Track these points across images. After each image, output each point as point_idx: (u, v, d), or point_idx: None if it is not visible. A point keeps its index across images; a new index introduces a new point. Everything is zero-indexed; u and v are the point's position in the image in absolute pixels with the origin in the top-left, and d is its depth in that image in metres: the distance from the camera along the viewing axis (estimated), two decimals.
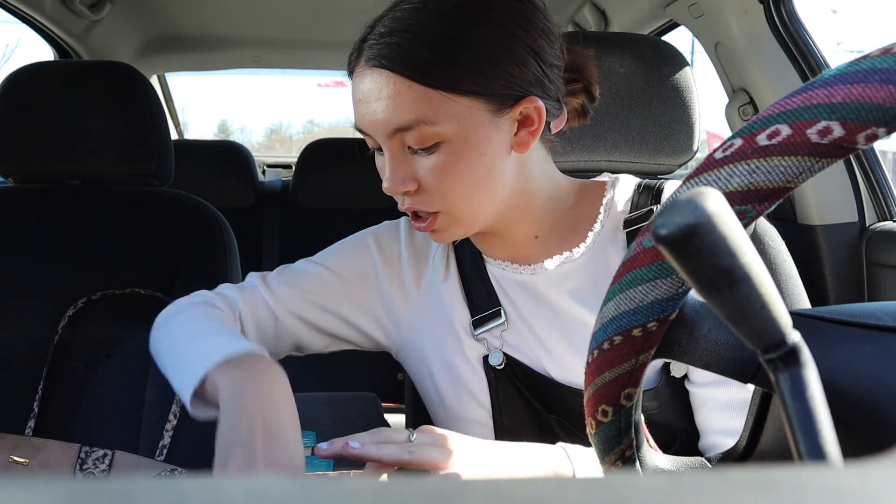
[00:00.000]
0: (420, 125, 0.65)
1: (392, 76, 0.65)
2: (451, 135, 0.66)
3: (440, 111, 0.65)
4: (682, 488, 0.15)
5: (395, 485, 0.15)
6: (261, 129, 25.87)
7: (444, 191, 0.67)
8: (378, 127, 0.67)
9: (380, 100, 0.66)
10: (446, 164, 0.66)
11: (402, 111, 0.65)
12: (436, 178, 0.67)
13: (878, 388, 0.35)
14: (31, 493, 0.14)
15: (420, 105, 0.65)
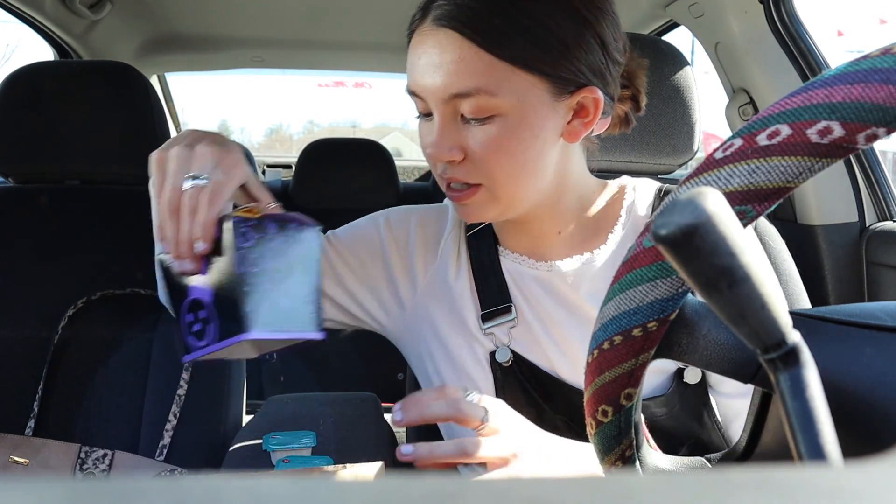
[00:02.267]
0: (480, 94, 0.63)
1: (460, 39, 0.63)
2: (508, 109, 0.64)
3: (503, 83, 0.63)
4: (682, 488, 0.15)
5: (396, 485, 0.15)
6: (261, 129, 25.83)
7: (491, 164, 0.66)
8: (435, 90, 0.65)
9: (442, 63, 0.64)
10: (499, 138, 0.65)
11: (465, 77, 0.63)
12: (486, 150, 0.65)
13: (878, 388, 0.35)
14: (31, 493, 0.14)
15: (484, 74, 0.63)
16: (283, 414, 1.00)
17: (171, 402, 1.08)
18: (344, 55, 2.49)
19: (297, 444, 0.94)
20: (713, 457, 0.48)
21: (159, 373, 1.12)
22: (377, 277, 0.80)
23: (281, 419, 0.99)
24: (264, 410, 1.02)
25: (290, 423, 0.98)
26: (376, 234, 0.81)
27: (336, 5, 1.94)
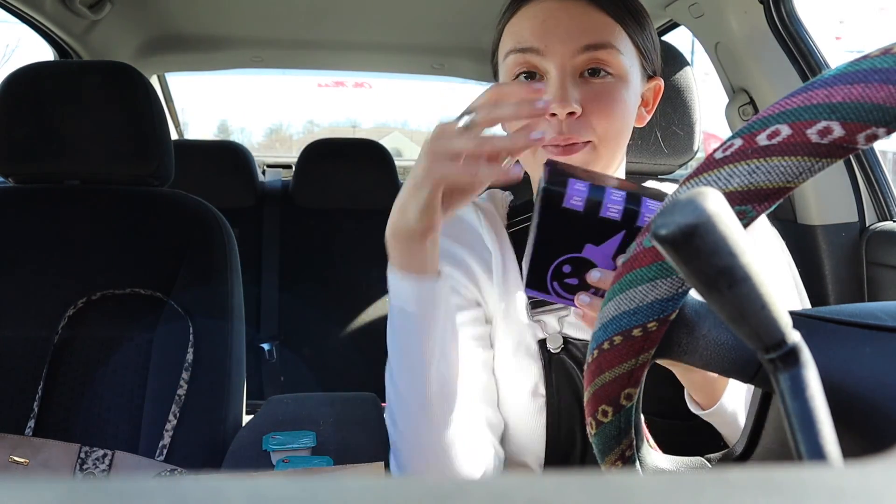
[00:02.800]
0: (611, 49, 0.69)
1: (588, 6, 0.70)
2: (625, 72, 0.70)
3: (625, 47, 0.71)
4: (682, 488, 0.15)
5: (396, 485, 0.15)
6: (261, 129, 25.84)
7: (604, 117, 0.69)
8: (570, 42, 0.69)
9: (576, 20, 0.70)
10: (614, 93, 0.70)
11: (599, 31, 0.69)
12: (602, 102, 0.69)
13: (878, 388, 0.35)
14: (31, 493, 0.14)
15: (613, 33, 0.70)
16: (283, 414, 1.00)
17: (171, 402, 1.08)
18: (344, 55, 2.49)
19: (297, 444, 0.94)
20: (713, 457, 0.48)
21: (159, 373, 1.12)
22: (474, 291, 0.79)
23: (281, 419, 0.99)
24: (264, 410, 1.02)
25: (290, 423, 0.98)
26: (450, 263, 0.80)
27: (336, 5, 1.94)
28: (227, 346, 1.14)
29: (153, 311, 1.16)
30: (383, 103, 24.26)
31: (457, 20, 1.98)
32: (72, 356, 1.13)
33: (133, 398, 1.11)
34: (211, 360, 1.12)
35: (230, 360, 1.14)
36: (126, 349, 1.13)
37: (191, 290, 1.16)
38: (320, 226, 2.33)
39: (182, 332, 1.12)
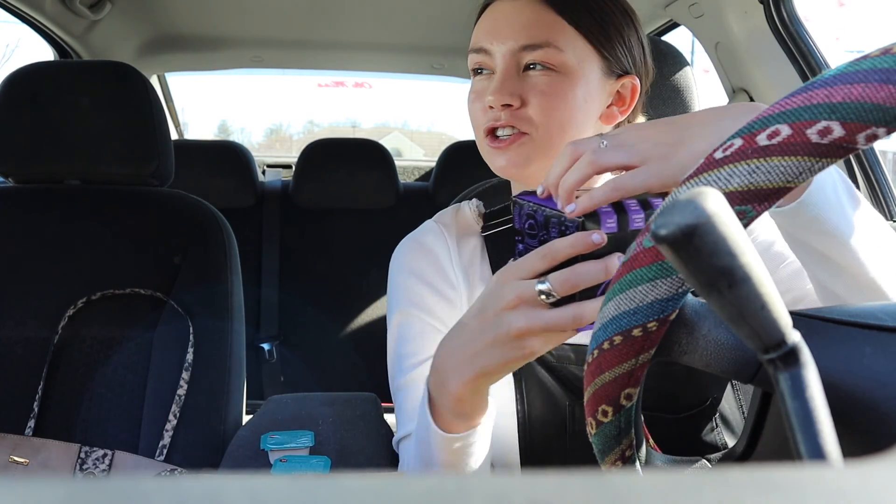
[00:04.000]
0: (549, 47, 0.72)
1: (538, 4, 0.73)
2: (570, 68, 0.72)
3: (568, 44, 0.72)
4: (682, 488, 0.15)
5: (396, 485, 0.15)
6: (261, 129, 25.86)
7: (545, 111, 0.72)
8: (509, 41, 0.73)
9: (519, 19, 0.73)
10: (556, 88, 0.72)
11: (538, 31, 0.72)
12: (543, 96, 0.72)
13: (878, 388, 0.35)
14: (31, 493, 0.14)
15: (554, 31, 0.72)
16: (283, 414, 1.00)
17: (171, 402, 1.08)
18: (344, 55, 2.49)
19: (295, 443, 0.94)
20: (713, 457, 0.49)
21: (159, 373, 1.12)
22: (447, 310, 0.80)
23: (281, 419, 0.99)
24: (264, 410, 1.02)
25: (290, 422, 0.98)
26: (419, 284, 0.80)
27: (336, 5, 1.94)
28: (227, 346, 1.14)
29: (153, 310, 1.16)
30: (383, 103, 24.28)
31: (456, 20, 1.98)
32: (72, 356, 1.13)
33: (133, 398, 1.11)
34: (211, 360, 1.12)
35: (230, 360, 1.14)
36: (126, 349, 1.13)
37: (191, 289, 1.16)
38: (320, 226, 2.33)
39: (182, 331, 1.12)
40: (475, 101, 0.76)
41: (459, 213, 0.85)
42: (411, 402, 0.77)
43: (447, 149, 2.46)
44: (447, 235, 0.81)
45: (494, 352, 0.56)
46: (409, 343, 0.78)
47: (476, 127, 0.77)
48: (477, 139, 0.78)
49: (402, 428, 0.78)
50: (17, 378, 1.11)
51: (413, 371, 0.77)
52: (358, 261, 2.27)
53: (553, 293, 0.53)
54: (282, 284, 2.29)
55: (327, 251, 2.31)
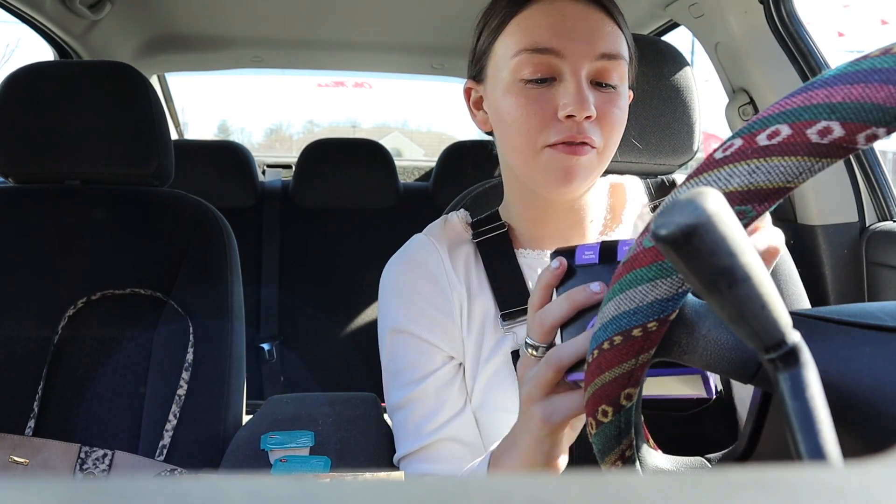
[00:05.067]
0: (621, 60, 0.71)
1: (602, 13, 0.71)
2: (625, 82, 0.73)
3: (627, 59, 0.73)
4: (682, 488, 0.15)
5: (395, 485, 0.15)
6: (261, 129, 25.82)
7: (609, 126, 0.71)
8: (589, 46, 0.69)
9: (594, 26, 0.70)
10: (621, 104, 0.72)
11: (613, 42, 0.71)
12: (611, 112, 0.71)
13: (878, 388, 0.35)
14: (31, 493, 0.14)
15: (622, 43, 0.72)
16: (283, 414, 1.00)
17: (171, 402, 1.08)
18: (344, 55, 2.48)
19: (295, 443, 0.94)
20: (713, 457, 0.48)
21: (159, 373, 1.12)
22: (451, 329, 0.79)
23: (281, 419, 0.99)
24: (264, 410, 1.02)
25: (290, 422, 0.98)
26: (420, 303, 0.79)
27: (336, 5, 1.94)
28: (227, 346, 1.14)
29: (153, 311, 1.16)
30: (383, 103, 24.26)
31: (456, 20, 1.98)
32: (72, 356, 1.13)
33: (133, 398, 1.11)
34: (211, 360, 1.12)
35: (230, 360, 1.14)
36: (126, 349, 1.13)
37: (191, 289, 1.16)
38: (320, 226, 2.33)
39: (182, 332, 1.12)
40: (533, 109, 0.69)
41: (448, 224, 0.84)
42: (413, 421, 0.76)
43: (447, 149, 2.46)
44: (438, 248, 0.80)
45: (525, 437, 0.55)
46: (406, 362, 0.78)
47: (530, 136, 0.70)
48: (526, 149, 0.71)
49: (402, 446, 0.78)
50: (17, 378, 1.11)
51: (412, 389, 0.77)
52: (358, 261, 2.27)
53: (535, 342, 0.54)
54: (282, 284, 2.29)
55: (327, 251, 2.31)
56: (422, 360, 0.77)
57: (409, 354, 0.78)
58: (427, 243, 0.81)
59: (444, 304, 0.78)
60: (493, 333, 0.77)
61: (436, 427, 0.75)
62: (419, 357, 0.77)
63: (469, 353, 0.78)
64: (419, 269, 0.79)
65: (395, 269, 0.81)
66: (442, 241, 0.81)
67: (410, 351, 0.78)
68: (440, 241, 0.81)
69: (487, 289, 0.79)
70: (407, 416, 0.77)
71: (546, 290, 0.54)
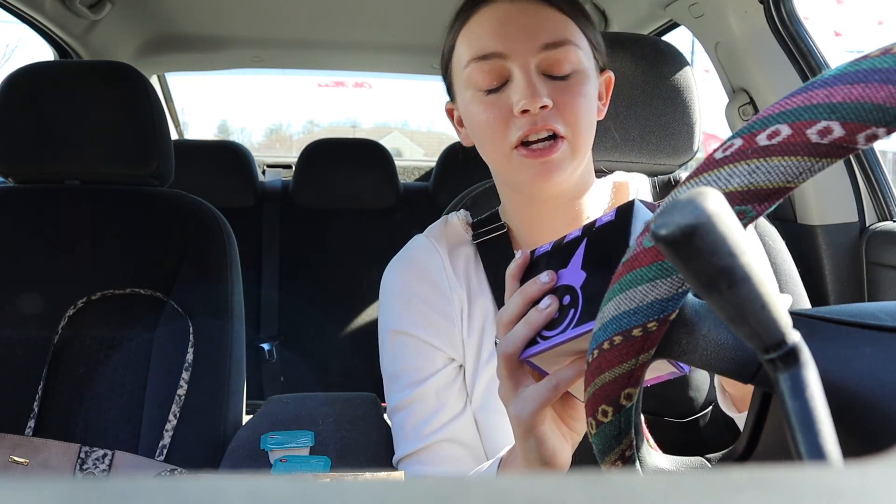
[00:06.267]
0: (569, 45, 0.70)
1: (542, 5, 0.71)
2: (585, 66, 0.72)
3: (580, 42, 0.72)
4: (682, 488, 0.15)
5: (395, 485, 0.15)
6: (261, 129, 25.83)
7: (576, 110, 0.70)
8: (530, 40, 0.70)
9: (533, 20, 0.71)
10: (580, 89, 0.71)
11: (556, 30, 0.71)
12: (571, 97, 0.70)
13: (878, 388, 0.35)
14: (31, 493, 0.14)
15: (569, 29, 0.72)
16: (283, 414, 1.00)
17: (171, 402, 1.08)
18: (344, 55, 2.49)
19: (295, 443, 0.94)
20: (713, 457, 0.48)
21: (159, 373, 1.12)
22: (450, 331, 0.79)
23: (281, 419, 0.99)
24: (264, 410, 1.02)
25: (290, 422, 0.98)
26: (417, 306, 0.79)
27: (336, 5, 1.94)
28: (227, 346, 1.14)
29: (153, 310, 1.16)
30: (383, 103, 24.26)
31: None
32: (72, 356, 1.13)
33: (133, 398, 1.11)
34: (211, 360, 1.12)
35: (230, 360, 1.14)
36: (126, 349, 1.13)
37: (191, 289, 1.16)
38: (320, 226, 2.33)
39: (182, 331, 1.12)
40: (492, 112, 0.71)
41: (448, 225, 0.84)
42: (412, 423, 0.76)
43: (447, 149, 2.46)
44: (439, 249, 0.80)
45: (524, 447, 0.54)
46: (405, 363, 0.78)
47: (496, 139, 0.71)
48: (497, 154, 0.72)
49: (401, 447, 0.78)
50: (17, 378, 1.11)
51: (412, 392, 0.77)
52: (358, 261, 2.27)
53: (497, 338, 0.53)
54: (282, 284, 2.29)
55: (327, 251, 2.31)
56: (422, 361, 0.77)
57: (409, 356, 0.78)
58: (427, 245, 0.81)
59: (445, 305, 0.78)
60: (493, 335, 0.77)
61: (435, 429, 0.75)
62: (419, 359, 0.77)
63: (469, 355, 0.78)
64: (419, 271, 0.79)
65: (395, 270, 0.81)
66: (442, 243, 0.81)
67: (410, 353, 0.78)
68: (440, 242, 0.81)
69: (488, 290, 0.79)
70: (406, 417, 0.77)
71: (513, 282, 0.54)
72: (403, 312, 0.79)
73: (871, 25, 12.46)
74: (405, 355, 0.78)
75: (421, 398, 0.76)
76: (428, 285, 0.79)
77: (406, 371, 0.78)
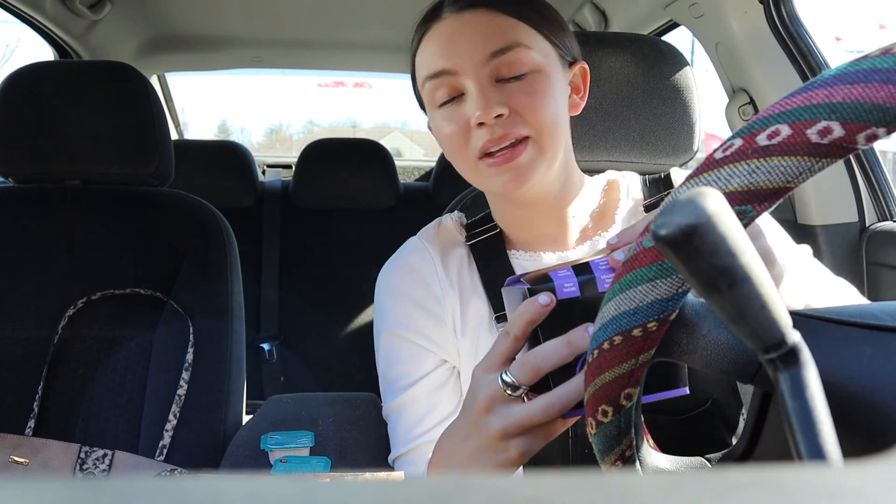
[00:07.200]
0: (518, 47, 0.70)
1: (486, 13, 0.71)
2: (541, 65, 0.71)
3: (532, 41, 0.71)
4: (682, 488, 0.15)
5: (396, 485, 0.15)
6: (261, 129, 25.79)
7: (536, 110, 0.69)
8: (476, 52, 0.70)
9: (477, 31, 0.70)
10: (538, 87, 0.70)
11: (502, 36, 0.70)
12: (529, 97, 0.70)
13: (878, 388, 0.35)
14: (31, 493, 0.14)
15: (517, 31, 0.71)
16: (283, 414, 1.00)
17: (171, 402, 1.08)
18: (344, 55, 2.48)
19: (295, 443, 0.94)
20: (713, 457, 0.49)
21: (159, 373, 1.12)
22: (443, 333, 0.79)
23: (281, 419, 0.99)
24: (264, 410, 1.02)
25: (290, 422, 0.98)
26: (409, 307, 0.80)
27: (336, 5, 1.94)
28: (227, 346, 1.14)
29: (153, 311, 1.16)
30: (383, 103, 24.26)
31: None
32: (72, 356, 1.13)
33: (133, 398, 1.11)
34: (211, 360, 1.12)
35: (230, 360, 1.14)
36: (126, 349, 1.13)
37: (191, 289, 1.16)
38: (320, 226, 2.33)
39: (182, 331, 1.12)
40: (451, 126, 0.72)
41: (441, 227, 0.84)
42: (405, 423, 0.77)
43: None
44: (431, 252, 0.81)
45: (481, 458, 0.53)
46: (398, 365, 0.79)
47: (458, 153, 0.73)
48: (465, 167, 0.74)
49: (397, 447, 0.79)
50: (17, 378, 1.11)
51: (404, 394, 0.78)
52: (358, 261, 2.27)
53: (517, 383, 0.50)
54: (282, 284, 2.29)
55: (327, 251, 2.31)
56: (414, 363, 0.78)
57: (402, 358, 0.79)
58: (420, 247, 0.82)
59: (436, 307, 0.79)
60: (487, 336, 0.77)
61: (426, 430, 0.76)
62: (411, 360, 0.78)
63: (464, 356, 0.78)
64: (411, 273, 0.80)
65: (388, 272, 0.82)
66: (435, 245, 0.82)
67: (403, 354, 0.78)
68: (433, 244, 0.82)
69: (481, 291, 0.79)
70: (399, 418, 0.78)
71: (530, 327, 0.51)
72: (395, 315, 0.80)
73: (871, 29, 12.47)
74: (398, 357, 0.79)
75: (413, 399, 0.77)
76: (420, 287, 0.79)
77: (399, 373, 0.79)
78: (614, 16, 1.83)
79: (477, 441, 0.54)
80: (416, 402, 0.77)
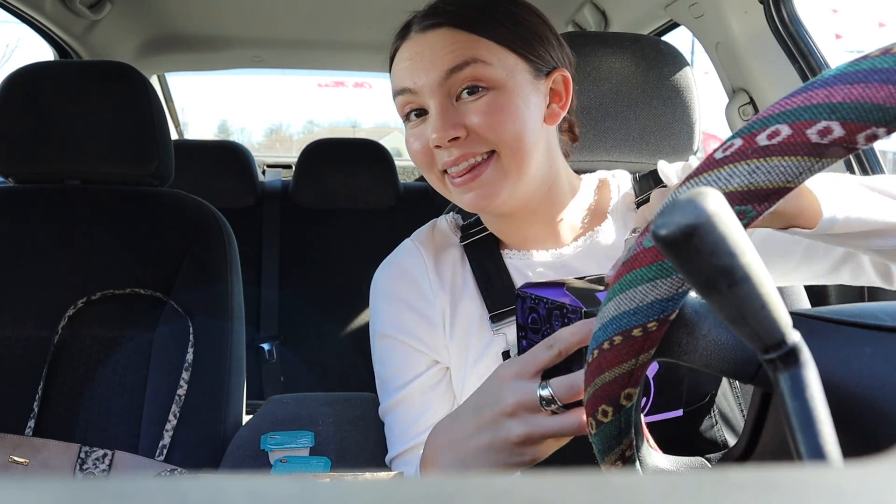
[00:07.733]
0: (476, 63, 0.69)
1: (448, 30, 0.70)
2: (501, 82, 0.70)
3: (493, 56, 0.70)
4: (682, 488, 0.15)
5: (396, 485, 0.15)
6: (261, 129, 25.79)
7: (496, 127, 0.69)
8: (433, 72, 0.70)
9: (434, 50, 0.70)
10: (498, 104, 0.69)
11: (459, 53, 0.69)
12: (488, 115, 0.69)
13: (878, 388, 0.35)
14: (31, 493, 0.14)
15: (475, 47, 0.70)
16: (283, 414, 1.00)
17: (171, 402, 1.08)
18: (344, 55, 2.49)
19: (295, 443, 0.94)
20: (713, 457, 0.49)
21: (159, 373, 1.12)
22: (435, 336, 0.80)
23: (280, 419, 0.99)
24: (264, 410, 1.02)
25: (290, 422, 0.98)
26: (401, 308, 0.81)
27: (336, 5, 1.94)
28: (227, 346, 1.14)
29: (153, 311, 1.15)
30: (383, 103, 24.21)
31: None
32: (72, 356, 1.13)
33: (133, 398, 1.11)
34: (211, 360, 1.12)
35: (230, 360, 1.14)
36: (126, 349, 1.13)
37: (191, 289, 1.16)
38: (320, 226, 2.33)
39: (182, 332, 1.12)
40: (417, 144, 0.74)
41: (436, 228, 0.85)
42: (400, 424, 0.78)
43: None
44: (424, 254, 0.82)
45: (489, 456, 0.53)
46: (393, 366, 0.80)
47: (426, 169, 0.74)
48: (435, 182, 0.75)
49: (393, 447, 0.79)
50: (17, 378, 1.11)
51: (398, 393, 0.78)
52: (358, 261, 2.27)
53: (555, 400, 0.51)
54: (282, 284, 2.28)
55: (327, 251, 2.31)
56: (407, 364, 0.78)
57: (395, 359, 0.79)
58: (413, 249, 0.83)
59: (427, 309, 0.79)
60: (479, 336, 0.78)
61: (421, 430, 0.76)
62: (404, 361, 0.79)
63: (454, 357, 0.79)
64: (403, 275, 0.81)
65: (381, 274, 0.84)
66: (428, 247, 0.82)
67: (396, 355, 0.79)
68: (426, 246, 0.82)
69: (475, 291, 0.79)
70: (395, 419, 0.79)
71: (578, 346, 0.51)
72: (388, 316, 0.80)
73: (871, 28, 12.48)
74: (391, 358, 0.80)
75: (407, 400, 0.78)
76: (412, 289, 0.80)
77: (393, 374, 0.79)
78: (614, 16, 1.83)
79: (491, 439, 0.54)
80: (410, 402, 0.78)
